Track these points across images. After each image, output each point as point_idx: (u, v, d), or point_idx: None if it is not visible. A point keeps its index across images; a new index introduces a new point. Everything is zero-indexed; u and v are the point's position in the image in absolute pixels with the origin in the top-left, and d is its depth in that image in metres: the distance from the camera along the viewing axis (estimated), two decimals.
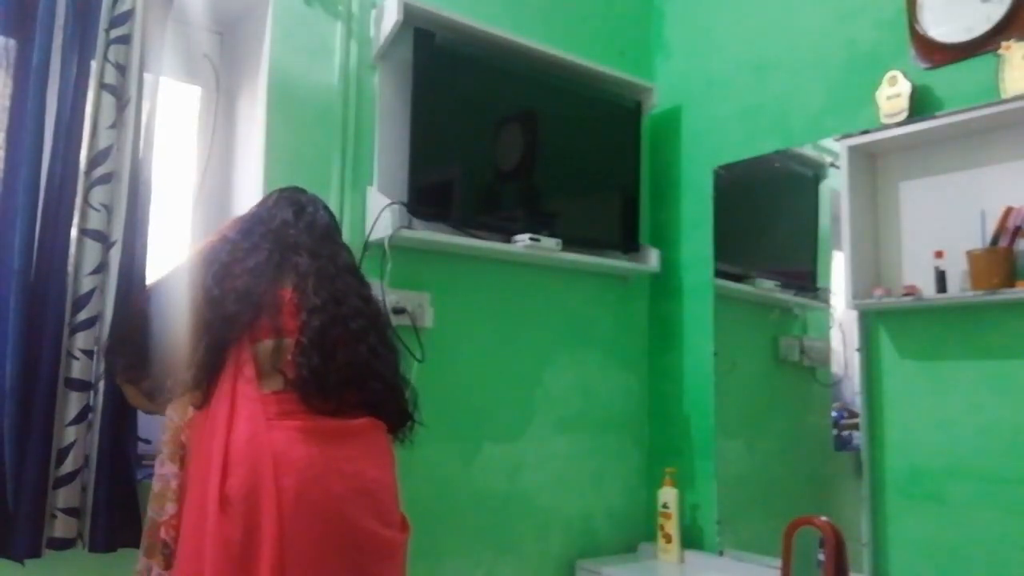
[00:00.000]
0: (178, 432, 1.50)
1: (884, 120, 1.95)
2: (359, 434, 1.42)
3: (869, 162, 2.03)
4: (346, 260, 1.57)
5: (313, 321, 1.41)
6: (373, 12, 2.07)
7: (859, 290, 1.94)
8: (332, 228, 1.62)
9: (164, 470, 1.50)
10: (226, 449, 1.31)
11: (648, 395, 2.55)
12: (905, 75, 1.93)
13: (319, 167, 1.95)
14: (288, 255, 1.48)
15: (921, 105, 1.92)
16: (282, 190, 1.65)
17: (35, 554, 1.49)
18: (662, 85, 2.56)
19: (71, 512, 1.54)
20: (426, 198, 2.01)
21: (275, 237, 1.50)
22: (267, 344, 1.41)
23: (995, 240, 1.77)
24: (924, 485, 1.88)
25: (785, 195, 2.38)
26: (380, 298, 1.89)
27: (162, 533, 1.46)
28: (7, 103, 1.61)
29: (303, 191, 1.66)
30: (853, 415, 2.04)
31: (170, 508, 1.46)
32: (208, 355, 1.38)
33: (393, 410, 1.51)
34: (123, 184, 1.63)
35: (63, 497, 1.53)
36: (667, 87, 2.57)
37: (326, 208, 1.65)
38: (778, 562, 1.81)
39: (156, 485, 1.50)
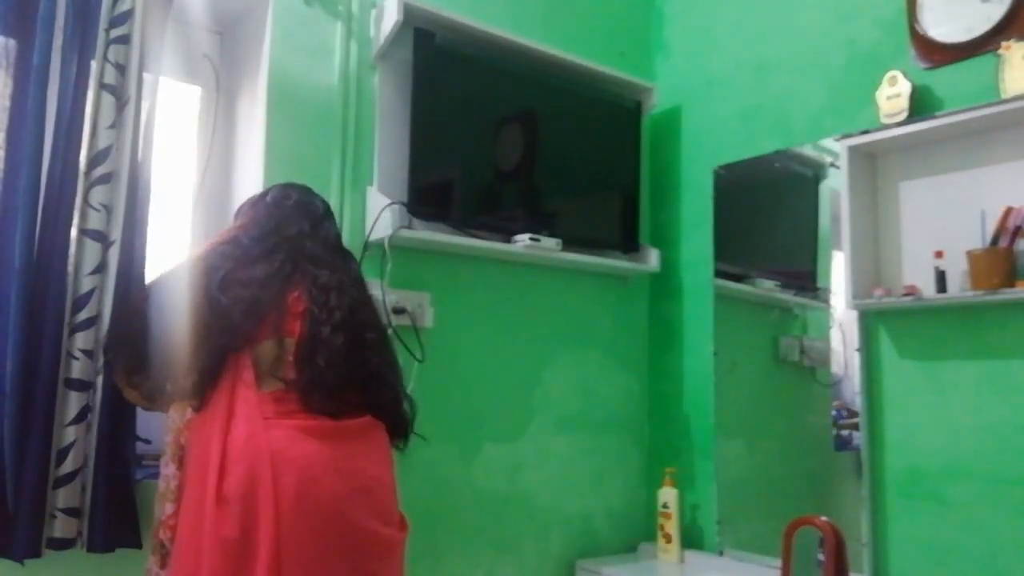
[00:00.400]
0: (179, 434, 1.51)
1: (884, 120, 1.95)
2: (359, 433, 1.43)
3: (869, 162, 2.03)
4: (358, 273, 1.60)
5: (333, 333, 1.42)
6: (373, 12, 2.07)
7: (859, 290, 1.94)
8: (340, 240, 1.65)
9: (167, 471, 1.51)
10: (224, 449, 1.32)
11: (648, 395, 2.55)
12: (905, 75, 1.93)
13: (319, 167, 1.95)
14: (304, 265, 1.48)
15: (921, 105, 1.91)
16: (299, 193, 1.62)
17: (35, 554, 1.49)
18: (662, 85, 2.56)
19: (71, 512, 1.54)
20: (426, 198, 2.01)
21: (290, 247, 1.50)
22: (268, 344, 1.42)
23: (995, 240, 1.77)
24: (924, 485, 1.88)
25: (785, 195, 2.38)
26: (380, 298, 1.90)
27: (160, 533, 1.47)
28: (7, 103, 1.61)
29: (315, 195, 1.66)
30: (853, 414, 2.04)
31: (168, 508, 1.48)
32: (210, 361, 1.39)
33: (396, 417, 1.53)
34: (123, 184, 1.63)
35: (63, 497, 1.53)
36: (667, 87, 2.57)
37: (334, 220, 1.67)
38: (778, 562, 1.81)
39: (160, 485, 1.52)
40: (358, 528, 1.35)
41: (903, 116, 1.92)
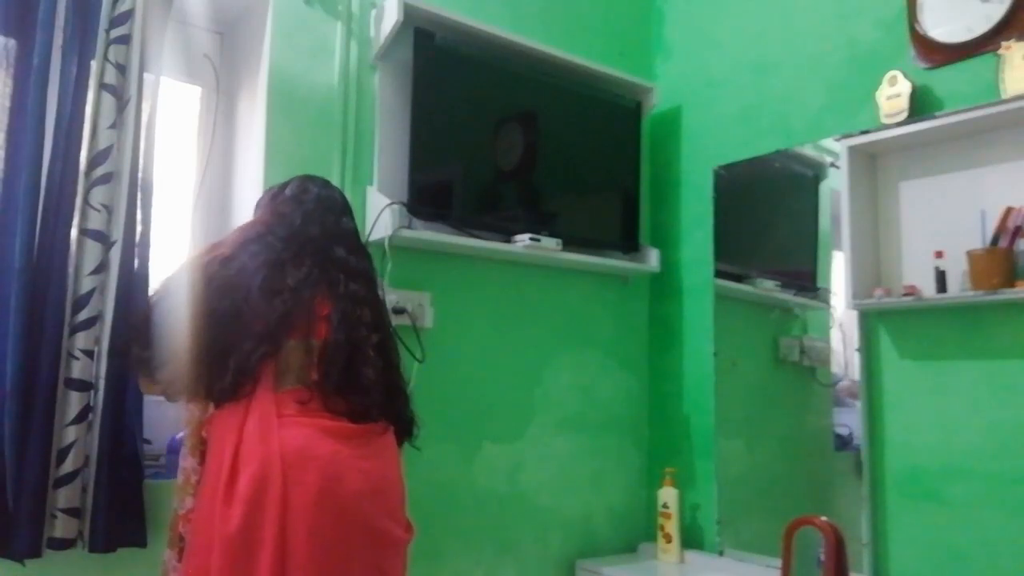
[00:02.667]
0: (199, 427, 1.51)
1: (884, 120, 1.95)
2: (375, 436, 1.46)
3: (869, 162, 2.03)
4: (374, 274, 1.61)
5: (376, 355, 1.47)
6: (373, 12, 2.07)
7: (859, 290, 1.94)
8: (358, 235, 1.65)
9: (186, 463, 1.52)
10: (236, 448, 1.33)
11: (648, 395, 2.55)
12: (905, 75, 1.93)
13: (319, 167, 1.94)
14: (331, 271, 1.49)
15: (921, 105, 1.91)
16: (319, 186, 1.61)
17: (35, 554, 1.49)
18: (662, 85, 2.56)
19: (71, 512, 1.54)
20: (426, 198, 2.01)
21: (315, 249, 1.49)
22: (293, 345, 1.42)
23: (995, 240, 1.77)
24: (924, 485, 1.88)
25: (785, 195, 2.38)
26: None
27: (179, 527, 1.49)
28: (7, 103, 1.61)
29: (333, 187, 1.65)
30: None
31: (188, 502, 1.48)
32: (244, 366, 1.39)
33: (407, 426, 1.57)
34: (123, 184, 1.64)
35: (63, 497, 1.53)
36: (667, 87, 2.57)
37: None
38: (778, 562, 1.81)
39: (179, 478, 1.53)
40: (373, 527, 1.38)
41: (903, 116, 1.92)
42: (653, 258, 2.45)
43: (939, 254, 1.85)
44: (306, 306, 1.43)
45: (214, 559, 1.28)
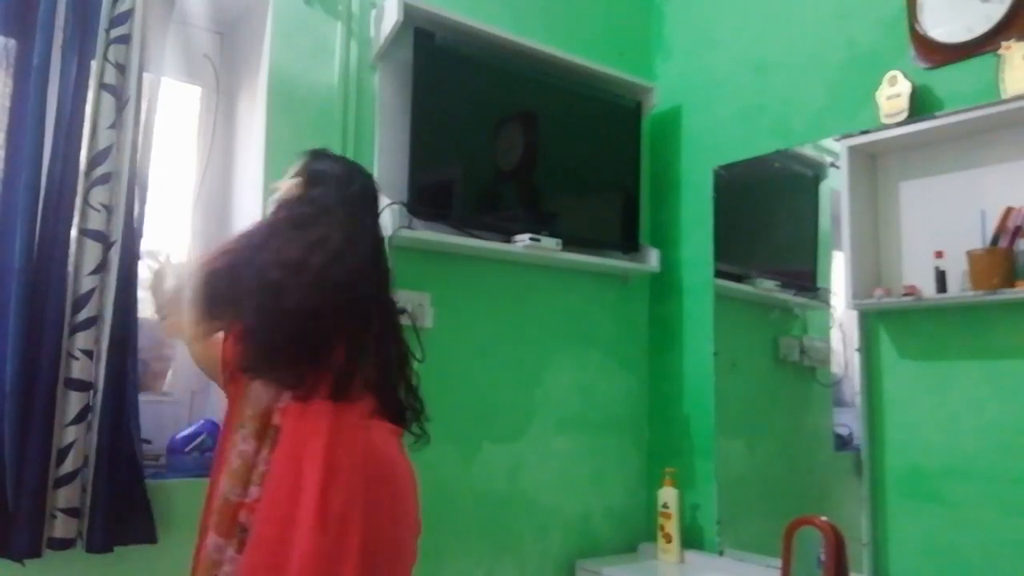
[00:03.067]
0: (269, 413, 1.42)
1: (884, 120, 1.95)
2: (402, 438, 1.56)
3: (869, 162, 2.03)
4: None
5: (403, 350, 1.60)
6: (373, 12, 2.07)
7: (859, 290, 1.94)
8: None
9: (246, 447, 1.42)
10: (328, 448, 1.36)
11: (648, 395, 2.55)
12: (905, 75, 1.93)
13: None
14: (383, 282, 1.55)
15: (921, 105, 1.91)
16: (374, 183, 1.60)
17: (35, 554, 1.49)
18: (662, 85, 2.56)
19: (71, 512, 1.53)
20: (426, 198, 2.01)
21: (377, 257, 1.56)
22: (370, 353, 1.48)
23: (995, 240, 1.77)
24: (924, 485, 1.88)
25: (785, 195, 2.38)
26: None
27: (241, 516, 1.39)
28: (7, 103, 1.61)
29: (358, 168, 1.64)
30: None
31: (254, 492, 1.39)
32: (351, 369, 1.41)
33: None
34: (123, 184, 1.63)
35: (63, 497, 1.53)
36: (667, 87, 2.57)
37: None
38: (778, 562, 1.82)
39: (235, 461, 1.42)
40: (415, 523, 1.48)
41: (903, 116, 1.92)
42: (653, 258, 2.45)
43: (939, 254, 1.85)
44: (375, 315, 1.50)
45: (298, 560, 1.28)
